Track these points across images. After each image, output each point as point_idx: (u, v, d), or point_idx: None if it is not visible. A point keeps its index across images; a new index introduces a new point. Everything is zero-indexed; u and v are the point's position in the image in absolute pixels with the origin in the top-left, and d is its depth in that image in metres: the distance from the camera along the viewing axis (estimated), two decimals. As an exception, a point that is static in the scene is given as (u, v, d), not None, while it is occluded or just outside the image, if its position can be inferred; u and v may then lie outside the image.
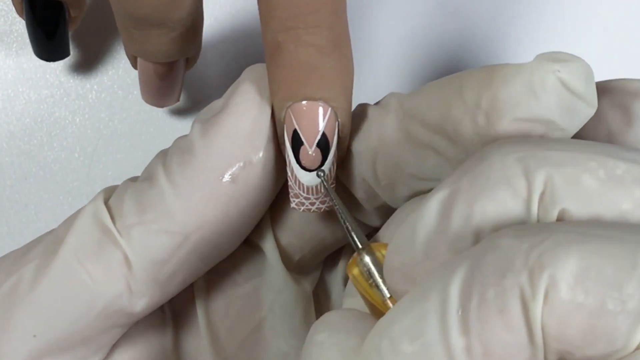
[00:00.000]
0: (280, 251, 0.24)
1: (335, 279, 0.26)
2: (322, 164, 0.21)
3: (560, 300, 0.14)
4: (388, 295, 0.19)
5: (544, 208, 0.16)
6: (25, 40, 0.32)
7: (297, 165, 0.21)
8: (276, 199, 0.23)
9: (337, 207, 0.20)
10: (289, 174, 0.21)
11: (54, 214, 0.32)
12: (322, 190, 0.21)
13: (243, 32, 0.32)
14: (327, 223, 0.23)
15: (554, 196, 0.15)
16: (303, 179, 0.21)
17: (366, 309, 0.20)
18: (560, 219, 0.16)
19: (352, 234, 0.20)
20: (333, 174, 0.21)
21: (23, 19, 0.28)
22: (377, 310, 0.19)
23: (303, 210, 0.22)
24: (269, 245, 0.23)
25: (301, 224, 0.23)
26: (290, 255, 0.24)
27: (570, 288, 0.14)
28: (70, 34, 0.29)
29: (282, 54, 0.20)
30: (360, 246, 0.19)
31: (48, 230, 0.31)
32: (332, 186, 0.21)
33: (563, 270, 0.14)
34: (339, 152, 0.21)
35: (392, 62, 0.33)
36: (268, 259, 0.24)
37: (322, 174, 0.21)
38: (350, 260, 0.19)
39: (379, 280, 0.19)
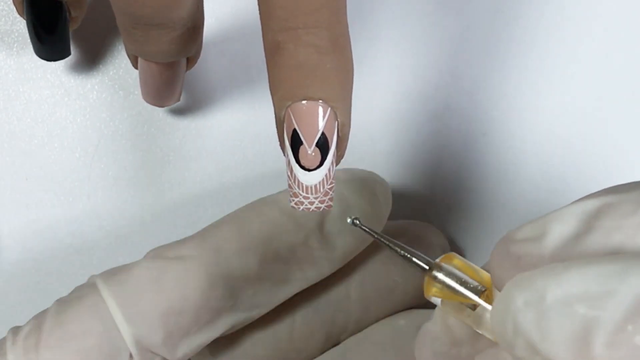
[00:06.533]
0: None
1: None
2: (322, 163, 0.21)
3: None
4: (482, 289, 0.19)
5: None
6: (26, 40, 0.32)
7: (297, 165, 0.21)
8: None
9: (388, 242, 0.21)
10: (288, 173, 0.21)
11: (54, 214, 0.32)
12: (322, 185, 0.21)
13: (243, 32, 0.32)
14: None
15: None
16: (302, 178, 0.21)
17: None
18: None
19: (414, 259, 0.20)
20: (333, 174, 0.21)
21: (24, 18, 0.28)
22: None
23: (302, 210, 0.22)
24: None
25: None
26: None
27: None
28: (70, 33, 0.29)
29: (282, 54, 0.21)
30: (427, 267, 0.20)
31: (47, 230, 0.32)
32: (331, 186, 0.21)
33: None
34: (338, 152, 0.21)
35: (392, 62, 0.33)
36: None
37: (358, 222, 0.21)
38: (426, 284, 0.20)
39: (461, 288, 0.19)
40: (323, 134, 0.21)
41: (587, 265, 0.15)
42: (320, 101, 0.21)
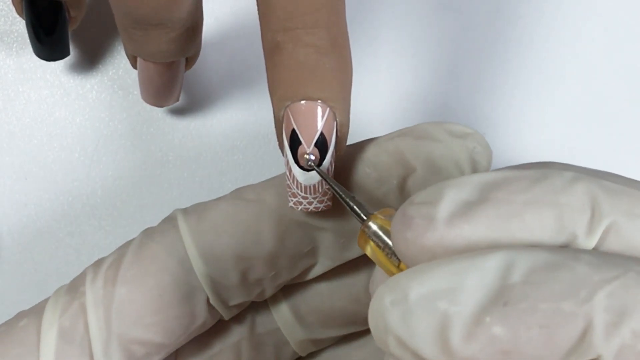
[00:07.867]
0: None
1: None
2: (321, 163, 0.21)
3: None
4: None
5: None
6: (25, 40, 0.32)
7: (295, 165, 0.21)
8: None
9: (335, 188, 0.20)
10: (287, 173, 0.21)
11: (54, 214, 0.32)
12: (321, 185, 0.21)
13: (243, 32, 0.32)
14: None
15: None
16: (301, 178, 0.21)
17: None
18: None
19: (355, 207, 0.19)
20: (331, 174, 0.21)
21: (23, 18, 0.28)
22: None
23: (301, 210, 0.22)
24: None
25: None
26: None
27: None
28: (70, 33, 0.29)
29: (281, 54, 0.21)
30: (364, 217, 0.19)
31: (47, 230, 0.32)
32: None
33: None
34: (337, 152, 0.21)
35: (392, 62, 0.33)
36: None
37: (312, 163, 0.21)
38: (359, 235, 0.19)
39: (390, 242, 0.18)
40: (322, 134, 0.21)
41: (448, 262, 0.15)
42: (319, 101, 0.21)
